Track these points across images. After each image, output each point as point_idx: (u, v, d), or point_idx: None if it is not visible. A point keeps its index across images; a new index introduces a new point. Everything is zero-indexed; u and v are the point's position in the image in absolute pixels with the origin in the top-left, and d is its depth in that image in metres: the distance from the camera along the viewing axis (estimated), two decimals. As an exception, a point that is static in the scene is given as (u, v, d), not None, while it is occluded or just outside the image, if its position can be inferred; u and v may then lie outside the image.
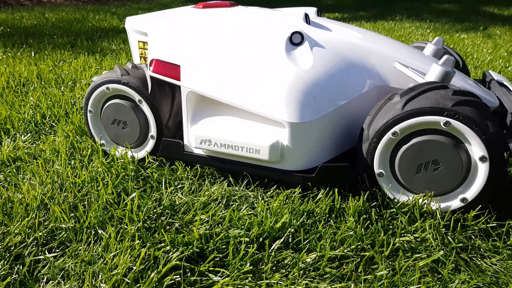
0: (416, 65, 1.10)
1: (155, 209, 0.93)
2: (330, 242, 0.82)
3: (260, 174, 1.01)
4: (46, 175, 1.07)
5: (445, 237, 0.85)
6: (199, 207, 0.95)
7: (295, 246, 0.83)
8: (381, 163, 0.95)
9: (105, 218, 0.89)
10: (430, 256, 0.79)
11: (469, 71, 1.49)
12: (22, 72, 2.04)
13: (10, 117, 1.48)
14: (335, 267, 0.78)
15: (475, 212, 0.90)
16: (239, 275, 0.75)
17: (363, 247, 0.81)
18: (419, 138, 0.90)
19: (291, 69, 0.99)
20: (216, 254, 0.79)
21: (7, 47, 2.62)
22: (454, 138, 0.89)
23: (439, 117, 0.87)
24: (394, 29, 4.05)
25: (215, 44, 1.06)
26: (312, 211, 0.92)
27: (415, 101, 0.90)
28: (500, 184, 0.89)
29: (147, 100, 1.12)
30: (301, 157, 0.98)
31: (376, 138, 0.93)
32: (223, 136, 1.00)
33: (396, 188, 0.96)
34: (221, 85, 1.01)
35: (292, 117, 0.95)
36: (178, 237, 0.81)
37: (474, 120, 0.85)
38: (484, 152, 0.86)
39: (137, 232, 0.85)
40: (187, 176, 1.08)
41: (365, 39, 1.13)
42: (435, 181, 0.91)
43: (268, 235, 0.84)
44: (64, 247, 0.84)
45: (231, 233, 0.84)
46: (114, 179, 1.04)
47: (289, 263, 0.78)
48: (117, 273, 0.73)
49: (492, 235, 0.87)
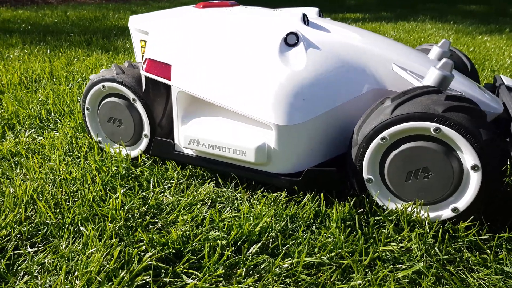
0: (416, 68, 1.06)
1: (140, 208, 0.93)
2: (309, 248, 0.80)
3: (247, 176, 1.00)
4: (39, 170, 1.09)
5: (432, 248, 0.82)
6: (184, 208, 0.94)
7: (274, 251, 0.81)
8: (370, 169, 0.92)
9: (88, 215, 0.90)
10: (412, 267, 0.76)
11: (478, 75, 1.44)
12: (35, 69, 2.09)
13: (17, 112, 1.52)
14: (312, 274, 0.76)
15: (467, 223, 0.86)
16: (212, 278, 0.74)
17: (342, 255, 0.78)
18: (408, 144, 0.87)
19: (281, 70, 0.97)
20: (190, 256, 0.78)
21: (25, 44, 2.69)
22: (445, 145, 0.85)
23: (429, 123, 0.84)
24: (415, 30, 3.96)
25: (206, 44, 1.05)
26: (295, 216, 0.90)
27: (405, 106, 0.87)
28: (494, 195, 0.85)
29: (140, 99, 1.12)
30: (288, 160, 0.96)
31: (365, 143, 0.91)
32: (211, 137, 0.99)
33: (386, 195, 0.93)
34: (210, 85, 1.00)
35: (279, 119, 0.93)
36: (155, 237, 0.81)
37: (465, 127, 0.82)
38: (476, 161, 0.82)
39: (119, 230, 0.86)
40: (177, 176, 1.08)
41: (364, 40, 1.10)
42: (425, 189, 0.88)
43: (247, 238, 0.83)
44: (47, 242, 0.85)
45: (210, 235, 0.83)
46: (104, 177, 1.05)
47: (265, 268, 0.77)
48: (90, 271, 0.73)
49: (483, 248, 0.83)
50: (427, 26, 4.30)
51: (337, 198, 0.96)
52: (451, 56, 1.43)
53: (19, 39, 2.82)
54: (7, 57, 2.36)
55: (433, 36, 3.54)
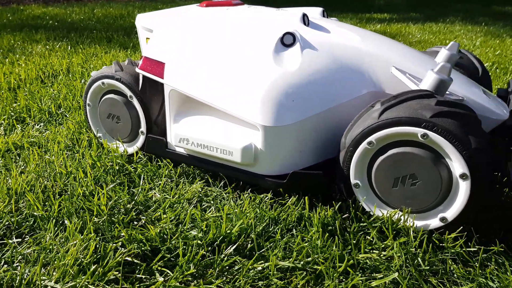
0: (416, 71, 1.03)
1: (126, 204, 0.95)
2: (285, 252, 0.79)
3: (235, 176, 1.00)
4: (36, 163, 1.12)
5: (415, 257, 0.79)
6: (170, 205, 0.95)
7: (253, 252, 0.81)
8: (357, 173, 0.90)
9: (74, 209, 0.92)
10: (388, 276, 0.73)
11: (490, 79, 1.38)
12: (54, 64, 2.16)
13: (28, 106, 1.57)
14: (285, 278, 0.75)
15: (455, 233, 0.82)
16: (183, 277, 0.74)
17: (317, 260, 0.77)
18: (396, 149, 0.84)
19: (272, 71, 0.96)
20: (165, 254, 0.79)
21: (49, 40, 2.78)
22: (433, 152, 0.82)
23: (416, 128, 0.81)
24: (442, 32, 3.83)
25: (199, 43, 1.05)
26: (278, 218, 0.89)
27: (393, 110, 0.84)
28: (484, 205, 0.81)
29: (137, 96, 1.14)
30: (275, 162, 0.95)
31: (352, 147, 0.88)
32: (200, 136, 0.99)
33: (373, 201, 0.90)
34: (200, 84, 1.00)
35: (266, 120, 0.92)
36: (132, 233, 0.82)
37: (454, 133, 0.78)
38: (465, 169, 0.79)
39: (102, 225, 0.87)
40: (169, 174, 1.09)
41: (364, 42, 1.07)
42: (413, 196, 0.85)
43: (225, 239, 0.82)
44: (33, 233, 0.88)
45: (189, 234, 0.83)
46: (97, 172, 1.07)
47: (239, 269, 0.76)
48: (66, 263, 0.74)
49: (470, 260, 0.80)
50: (456, 28, 4.16)
51: (323, 202, 0.94)
52: (461, 59, 1.37)
53: (44, 35, 2.92)
54: (29, 53, 2.45)
55: (460, 38, 3.42)
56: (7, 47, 2.58)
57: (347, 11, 5.82)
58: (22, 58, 2.28)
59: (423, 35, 3.59)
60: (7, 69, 2.04)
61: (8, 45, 2.62)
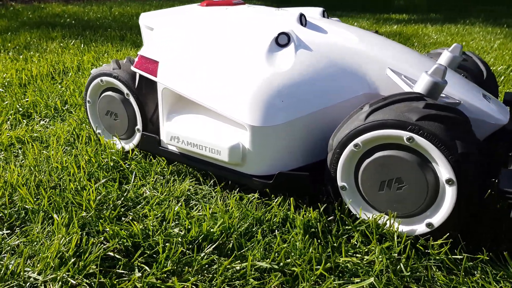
0: (413, 73, 1.01)
1: (115, 200, 0.96)
2: (265, 253, 0.79)
3: (223, 175, 1.00)
4: (33, 157, 1.15)
5: (398, 263, 0.77)
6: (159, 203, 0.96)
7: (232, 252, 0.81)
8: (344, 176, 0.89)
9: (63, 203, 0.94)
10: (364, 281, 0.72)
11: (496, 82, 1.34)
12: (66, 62, 2.21)
13: (35, 102, 1.61)
14: (262, 278, 0.74)
15: (442, 240, 0.80)
16: (161, 274, 0.74)
17: (294, 262, 0.76)
18: (382, 152, 0.83)
19: (263, 70, 0.96)
20: (146, 250, 0.79)
21: (64, 38, 2.85)
22: (420, 156, 0.80)
23: (402, 131, 0.79)
24: (460, 33, 3.75)
25: (192, 42, 1.06)
26: (262, 219, 0.89)
27: (380, 112, 0.83)
28: (472, 212, 0.79)
29: (133, 94, 1.15)
30: (263, 162, 0.95)
31: (339, 148, 0.87)
32: (189, 134, 1.00)
33: (359, 204, 0.89)
34: (191, 83, 1.01)
35: (254, 120, 0.92)
36: (115, 229, 0.83)
37: (439, 137, 0.76)
38: (451, 175, 0.77)
39: (90, 220, 0.89)
40: (161, 171, 1.10)
41: (361, 43, 1.05)
42: (399, 201, 0.83)
43: (206, 237, 0.83)
44: (24, 226, 0.90)
45: (171, 232, 0.84)
46: (90, 168, 1.09)
47: (217, 268, 0.76)
48: (47, 256, 0.76)
49: (454, 268, 0.78)
50: (475, 29, 4.06)
51: (309, 204, 0.93)
52: (465, 61, 1.34)
53: (60, 32, 2.98)
54: (43, 50, 2.51)
55: (477, 40, 3.33)
56: (23, 44, 2.66)
57: (365, 11, 5.76)
58: (36, 55, 2.33)
59: (440, 37, 3.52)
60: (20, 66, 2.09)
61: (25, 42, 2.69)
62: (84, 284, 0.72)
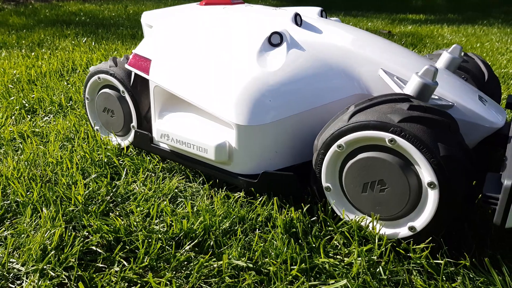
0: (406, 74, 0.99)
1: (105, 196, 0.98)
2: (244, 251, 0.79)
3: (211, 174, 1.01)
4: (30, 152, 1.18)
5: (377, 266, 0.77)
6: (147, 199, 0.97)
7: (211, 250, 0.81)
8: (329, 177, 0.88)
9: (54, 197, 0.96)
10: (337, 283, 0.72)
11: (499, 84, 1.31)
12: (76, 59, 2.25)
13: (41, 98, 1.65)
14: (239, 276, 0.75)
15: (424, 244, 0.79)
16: (138, 269, 0.75)
17: (270, 262, 0.76)
18: (365, 154, 0.82)
19: (252, 70, 0.96)
20: (126, 245, 0.81)
21: (77, 36, 2.90)
22: (402, 158, 0.79)
23: (384, 133, 0.78)
24: (476, 34, 3.67)
25: (185, 41, 1.07)
26: (246, 217, 0.89)
27: (363, 114, 0.82)
28: (454, 216, 0.77)
29: (128, 92, 1.17)
30: (249, 161, 0.95)
31: (323, 149, 0.87)
32: (178, 132, 1.01)
33: (344, 205, 0.88)
34: (181, 81, 1.01)
35: (239, 119, 0.92)
36: (97, 223, 0.84)
37: (421, 139, 0.75)
38: (433, 178, 0.75)
39: (77, 214, 0.90)
40: (153, 168, 1.11)
41: (356, 43, 1.04)
42: (382, 203, 0.82)
43: (188, 235, 0.83)
44: (15, 218, 0.93)
45: (153, 228, 0.85)
46: (84, 163, 1.11)
47: (194, 265, 0.77)
48: (30, 248, 0.78)
49: (434, 273, 0.77)
50: (493, 31, 3.97)
51: (294, 204, 0.93)
52: (466, 62, 1.31)
53: (73, 30, 3.04)
54: (56, 47, 2.56)
55: (493, 42, 3.26)
56: (37, 41, 2.72)
57: (381, 11, 5.69)
58: (47, 53, 2.39)
59: (455, 38, 3.45)
60: (31, 63, 2.15)
61: (38, 40, 2.76)
62: (63, 276, 0.74)
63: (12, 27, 3.21)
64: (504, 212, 0.72)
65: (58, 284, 0.73)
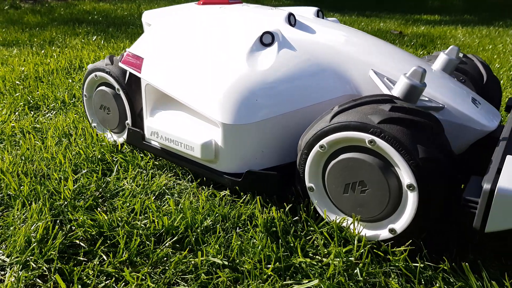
0: (397, 75, 0.98)
1: (94, 191, 1.00)
2: (222, 249, 0.80)
3: (198, 172, 1.01)
4: (26, 148, 1.21)
5: (355, 267, 0.76)
6: (135, 195, 0.99)
7: (191, 246, 0.82)
8: (312, 177, 0.88)
9: (45, 190, 0.98)
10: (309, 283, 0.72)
11: (499, 86, 1.28)
12: (84, 57, 2.29)
13: (46, 95, 1.69)
14: (215, 273, 0.75)
15: (404, 247, 0.79)
16: (116, 263, 0.77)
17: (245, 260, 0.76)
18: (346, 154, 0.82)
19: (241, 69, 0.97)
20: (107, 240, 0.82)
21: (88, 34, 2.96)
22: (382, 159, 0.79)
23: (364, 134, 0.78)
24: (490, 36, 3.60)
25: (176, 40, 1.08)
26: (228, 215, 0.89)
27: (345, 114, 0.82)
28: (434, 219, 0.77)
29: (123, 89, 1.19)
30: (234, 160, 0.95)
31: (307, 149, 0.87)
32: (167, 130, 1.02)
33: (326, 205, 0.88)
34: (170, 79, 1.03)
35: (225, 118, 0.93)
36: (81, 217, 0.86)
37: (400, 141, 0.75)
38: (412, 180, 0.75)
39: (65, 208, 0.93)
40: (144, 165, 1.13)
41: (348, 44, 1.04)
42: (362, 204, 0.82)
43: (169, 231, 0.85)
44: (7, 211, 0.95)
45: (136, 224, 0.86)
46: (77, 158, 1.13)
47: (171, 261, 0.78)
48: (15, 241, 0.80)
49: (411, 276, 0.76)
50: (509, 32, 3.88)
51: (278, 203, 0.93)
52: (465, 64, 1.29)
53: (85, 29, 3.10)
54: (66, 45, 2.61)
55: (506, 43, 3.19)
56: (48, 39, 2.78)
57: (395, 12, 5.62)
58: (57, 50, 2.44)
59: (467, 39, 3.39)
60: (40, 60, 2.20)
61: (50, 37, 2.81)
62: (44, 268, 0.76)
63: (26, 25, 3.29)
64: (484, 216, 0.71)
65: (39, 276, 0.75)
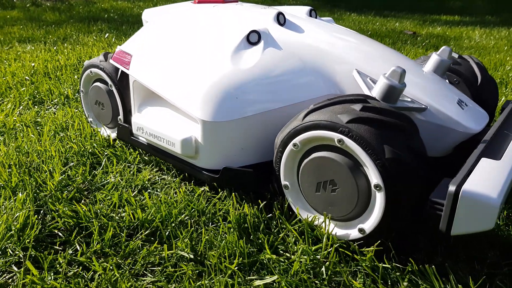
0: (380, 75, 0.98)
1: (79, 184, 1.03)
2: (192, 243, 0.81)
3: (180, 167, 1.03)
4: (22, 140, 1.25)
5: (321, 265, 0.77)
6: (116, 188, 1.01)
7: (165, 239, 0.84)
8: (287, 175, 0.89)
9: (31, 182, 1.02)
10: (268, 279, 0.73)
11: (495, 87, 1.26)
12: (93, 54, 2.35)
13: (51, 90, 1.74)
14: (181, 266, 0.77)
15: (374, 247, 0.78)
16: (89, 254, 0.79)
17: (211, 255, 0.78)
18: (317, 153, 0.82)
19: (224, 67, 0.98)
20: (83, 231, 0.85)
21: (101, 32, 3.02)
22: (351, 158, 0.79)
23: (333, 133, 0.78)
24: (509, 37, 3.50)
25: (164, 37, 1.10)
26: (204, 211, 0.91)
27: (316, 113, 0.82)
28: (402, 220, 0.76)
29: (115, 85, 1.22)
30: (213, 156, 0.97)
31: (281, 147, 0.88)
32: (150, 126, 1.04)
33: (300, 203, 0.88)
34: (156, 76, 1.05)
35: (204, 115, 0.94)
36: (63, 209, 0.89)
37: (367, 141, 0.74)
38: (379, 180, 0.75)
39: (49, 199, 0.96)
40: (133, 160, 1.16)
41: (336, 44, 1.03)
42: (334, 203, 0.82)
43: (143, 224, 0.87)
44: (-5, 201, 0.99)
45: (113, 217, 0.89)
46: (68, 152, 1.17)
47: (141, 253, 0.80)
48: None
49: (375, 277, 0.76)
50: (529, 33, 3.76)
51: (254, 200, 0.94)
52: (459, 65, 1.27)
53: (98, 27, 3.17)
54: (78, 42, 2.68)
55: (524, 45, 3.10)
56: (62, 36, 2.86)
57: (414, 12, 5.53)
58: (68, 47, 2.51)
59: (483, 40, 3.31)
60: (50, 56, 2.26)
61: (64, 35, 2.89)
62: (20, 255, 0.79)
63: (43, 22, 3.39)
64: (449, 218, 0.70)
65: (16, 263, 0.79)
